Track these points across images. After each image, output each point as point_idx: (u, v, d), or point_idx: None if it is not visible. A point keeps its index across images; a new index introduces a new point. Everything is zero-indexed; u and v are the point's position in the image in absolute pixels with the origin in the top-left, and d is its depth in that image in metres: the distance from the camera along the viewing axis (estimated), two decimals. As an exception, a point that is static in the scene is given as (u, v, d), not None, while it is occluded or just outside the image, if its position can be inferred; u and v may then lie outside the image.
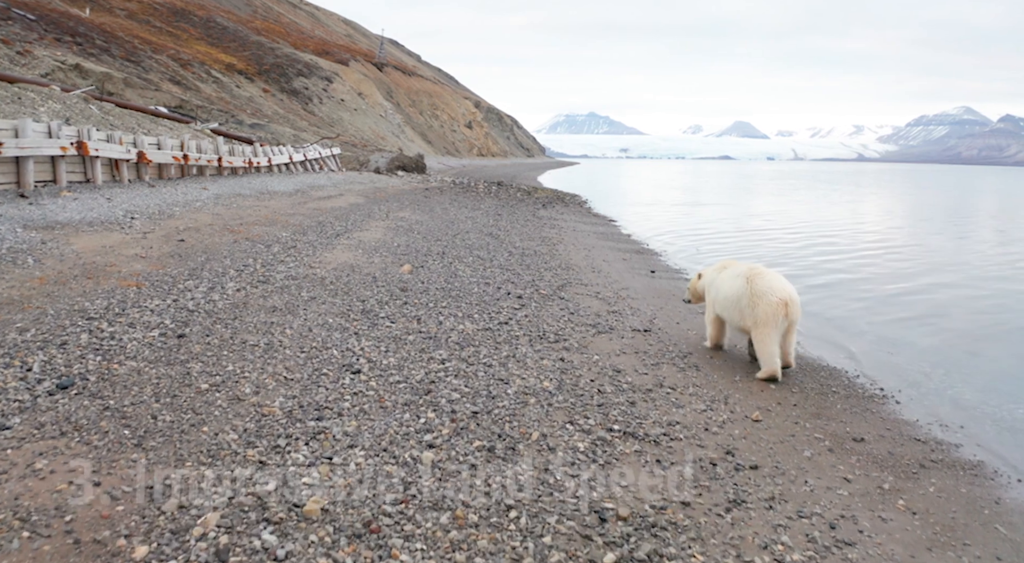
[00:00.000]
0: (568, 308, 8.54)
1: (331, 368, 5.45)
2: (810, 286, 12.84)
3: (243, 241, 10.80)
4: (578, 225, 20.28)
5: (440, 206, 20.65)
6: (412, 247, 12.02)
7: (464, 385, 5.33)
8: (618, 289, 10.37)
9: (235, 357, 5.49)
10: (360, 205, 18.47)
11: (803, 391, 6.40)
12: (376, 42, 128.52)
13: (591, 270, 11.92)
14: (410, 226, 14.97)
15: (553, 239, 15.67)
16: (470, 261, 11.22)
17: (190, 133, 21.73)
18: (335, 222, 14.23)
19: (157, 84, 51.59)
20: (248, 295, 7.47)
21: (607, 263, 13.09)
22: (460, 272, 10.15)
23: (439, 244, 12.73)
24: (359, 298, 7.83)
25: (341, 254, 10.57)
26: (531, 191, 32.57)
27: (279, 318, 6.71)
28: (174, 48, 68.48)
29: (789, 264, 15.58)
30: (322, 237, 12.02)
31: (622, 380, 5.95)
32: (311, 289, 8.03)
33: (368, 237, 12.63)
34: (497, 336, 6.85)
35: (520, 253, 12.77)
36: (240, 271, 8.56)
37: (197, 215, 12.93)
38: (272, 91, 76.93)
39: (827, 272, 14.68)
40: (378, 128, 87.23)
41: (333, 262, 9.86)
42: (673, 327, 8.34)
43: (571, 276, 11.00)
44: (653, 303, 9.65)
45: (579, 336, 7.26)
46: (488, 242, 13.72)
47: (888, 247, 19.66)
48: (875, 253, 18.19)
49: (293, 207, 16.11)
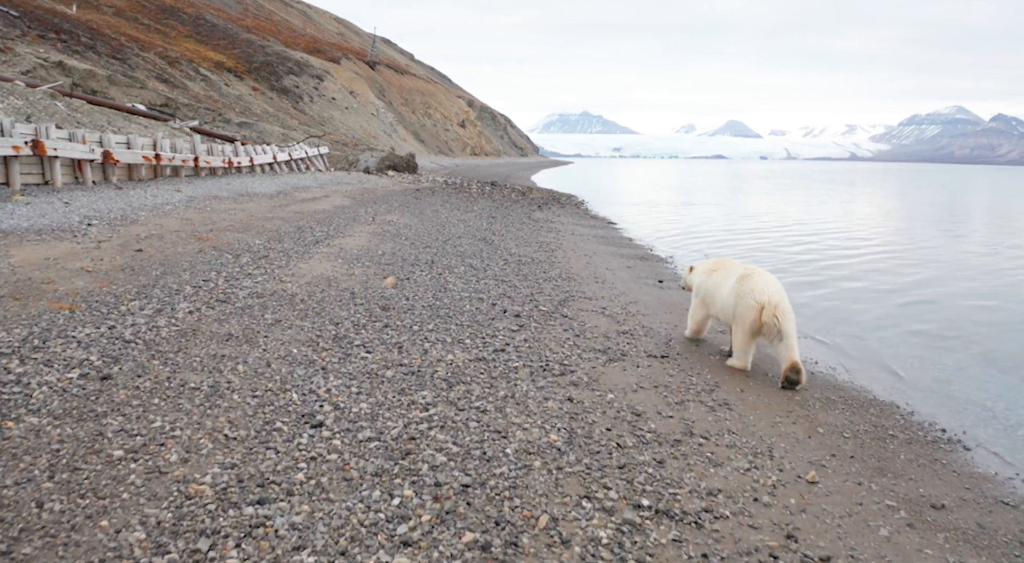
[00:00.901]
0: (572, 329, 7.50)
1: (287, 419, 4.40)
2: (836, 292, 11.88)
3: (209, 250, 9.72)
4: (576, 228, 19.25)
5: (431, 208, 19.59)
6: (398, 255, 10.96)
7: (452, 441, 4.28)
8: (626, 303, 9.34)
9: (167, 407, 4.42)
10: (345, 207, 17.39)
11: (856, 436, 5.38)
12: (368, 40, 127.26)
13: (594, 280, 10.88)
14: (397, 231, 13.90)
15: (551, 244, 14.63)
16: (462, 271, 10.17)
17: (166, 132, 20.62)
18: (316, 227, 13.15)
19: (143, 82, 50.43)
20: (201, 318, 6.40)
21: (611, 272, 12.06)
22: (450, 285, 9.09)
23: (428, 251, 11.68)
24: (332, 320, 6.77)
25: (318, 265, 9.50)
26: (526, 191, 31.55)
27: (233, 349, 5.64)
28: (162, 46, 67.26)
29: (805, 270, 14.58)
30: (299, 245, 10.95)
31: (644, 428, 4.91)
32: (277, 309, 6.96)
33: (350, 244, 11.56)
34: (492, 368, 5.80)
35: (516, 261, 11.72)
36: (198, 288, 7.49)
37: (164, 220, 11.84)
38: (262, 89, 75.76)
39: (848, 278, 13.69)
40: (370, 127, 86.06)
41: (308, 275, 8.79)
42: (692, 351, 7.31)
43: (573, 288, 9.96)
44: (666, 320, 8.62)
45: (588, 366, 6.22)
46: (481, 249, 12.67)
47: (904, 251, 18.69)
48: (892, 258, 17.21)
49: (272, 210, 15.02)
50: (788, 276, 13.81)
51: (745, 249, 17.67)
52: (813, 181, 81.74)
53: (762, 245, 18.83)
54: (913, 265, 16.04)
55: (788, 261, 16.03)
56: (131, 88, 44.11)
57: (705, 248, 17.44)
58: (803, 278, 13.72)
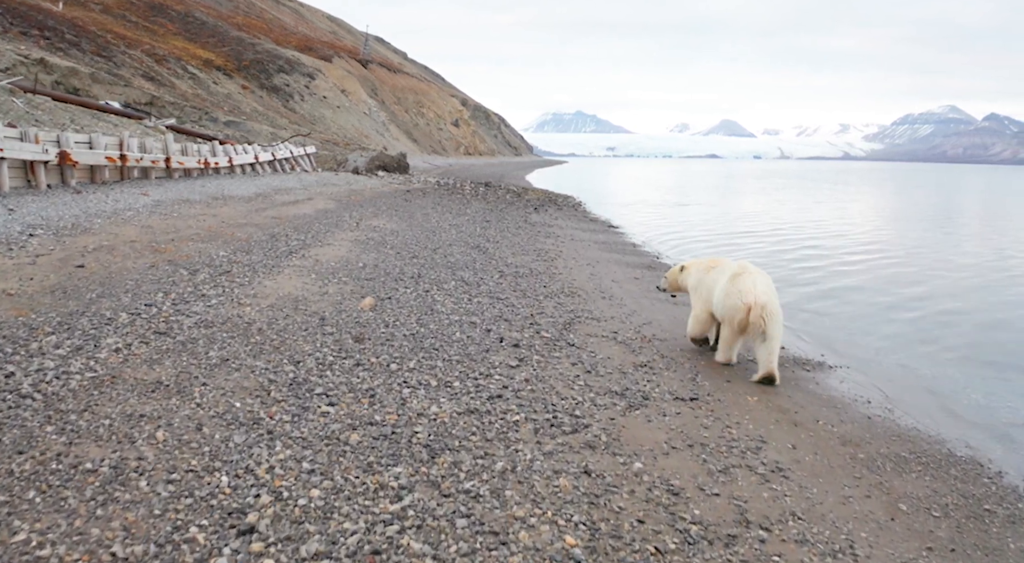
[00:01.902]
0: (582, 362, 6.33)
1: (207, 521, 3.21)
2: (855, 303, 10.74)
3: (164, 265, 8.51)
4: (576, 232, 18.10)
5: (421, 211, 18.39)
6: (381, 268, 9.77)
7: (432, 556, 3.10)
8: (639, 325, 8.18)
9: (45, 505, 3.24)
10: (329, 211, 16.18)
11: (947, 514, 4.25)
12: (361, 39, 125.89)
13: (600, 296, 9.72)
14: (383, 238, 12.71)
15: (550, 252, 13.46)
16: (452, 287, 8.98)
17: (139, 130, 19.37)
18: (292, 235, 11.94)
19: (128, 80, 49.14)
20: (128, 359, 5.20)
21: (617, 284, 10.89)
22: (439, 305, 7.91)
23: (415, 263, 10.49)
24: (293, 358, 5.58)
25: (287, 281, 8.30)
26: (521, 192, 30.37)
27: (157, 405, 4.45)
28: (149, 43, 65.96)
29: (823, 276, 13.44)
30: (270, 256, 9.75)
31: (686, 515, 3.74)
32: (227, 344, 5.77)
33: (329, 255, 10.36)
34: (487, 425, 4.63)
35: (513, 273, 10.55)
36: (136, 315, 6.28)
37: (121, 229, 10.62)
38: (252, 88, 74.46)
39: (868, 290, 12.57)
40: (361, 126, 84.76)
41: (273, 295, 7.59)
42: (724, 387, 6.16)
43: (578, 306, 8.80)
44: (687, 346, 7.46)
45: (604, 416, 5.05)
46: (474, 258, 11.49)
47: (916, 256, 17.57)
48: (905, 265, 16.08)
49: (247, 215, 13.81)
50: (810, 286, 12.69)
51: (755, 254, 16.51)
52: (810, 181, 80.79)
53: (774, 250, 17.68)
54: (930, 271, 14.93)
55: (807, 267, 14.89)
56: (115, 86, 42.84)
57: (714, 253, 16.26)
58: (824, 286, 12.59)
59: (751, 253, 16.96)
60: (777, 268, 14.67)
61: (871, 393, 6.84)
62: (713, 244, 18.72)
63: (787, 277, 13.81)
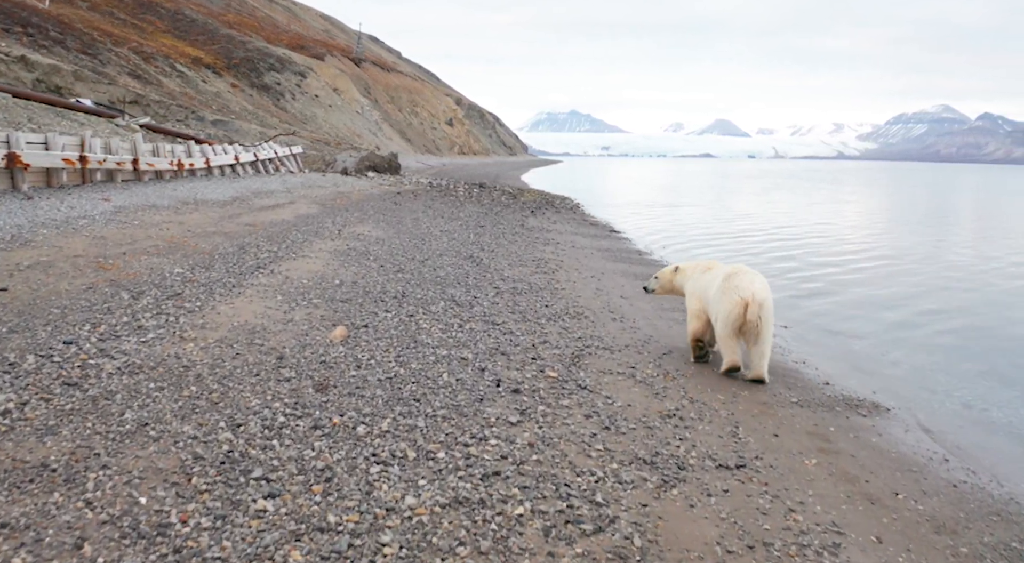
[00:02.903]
0: (597, 412, 5.15)
1: None
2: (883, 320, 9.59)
3: (105, 286, 7.30)
4: (576, 238, 16.93)
5: (411, 215, 17.19)
6: (360, 286, 8.57)
7: None
8: (658, 356, 7.00)
9: None
10: (311, 217, 14.97)
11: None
12: (354, 38, 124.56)
13: (611, 316, 8.54)
14: (366, 248, 11.50)
15: (550, 262, 12.28)
16: (441, 309, 7.79)
17: (106, 130, 18.09)
18: (264, 245, 10.73)
19: (113, 78, 47.88)
20: (14, 427, 3.98)
21: (627, 301, 9.72)
22: (424, 334, 6.71)
23: (400, 279, 9.28)
24: (232, 419, 4.37)
25: (247, 305, 7.10)
26: (517, 194, 29.18)
27: (29, 506, 3.24)
28: (137, 41, 64.68)
29: (889, 297, 12.27)
30: (232, 272, 8.53)
31: None
32: (152, 399, 4.56)
33: (302, 270, 9.15)
34: (480, 526, 3.43)
35: (510, 289, 9.37)
36: (47, 357, 5.07)
37: (68, 241, 9.39)
38: (241, 86, 73.19)
39: (898, 304, 11.41)
40: (354, 125, 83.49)
41: (226, 324, 6.38)
42: (772, 444, 5.00)
43: (586, 331, 7.62)
44: (716, 385, 6.29)
45: (634, 501, 3.86)
46: (467, 272, 10.30)
47: (927, 260, 16.42)
48: (921, 271, 14.92)
49: (217, 222, 12.59)
50: (831, 296, 11.53)
51: (770, 259, 15.35)
52: (808, 181, 79.79)
53: (786, 254, 16.50)
54: (950, 280, 13.77)
55: (833, 279, 13.72)
56: (99, 84, 41.60)
57: (725, 260, 15.06)
58: (845, 297, 11.40)
59: (765, 259, 15.78)
60: (795, 275, 13.52)
61: (943, 446, 5.68)
62: (722, 250, 17.54)
63: (817, 288, 12.65)
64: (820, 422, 5.72)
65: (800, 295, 12.09)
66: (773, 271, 14.30)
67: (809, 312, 10.71)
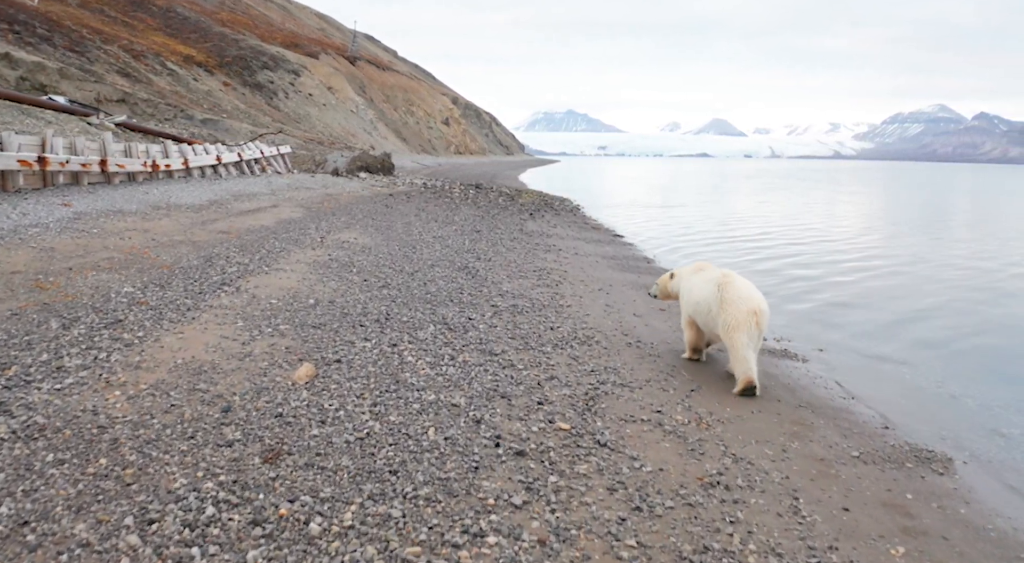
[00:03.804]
0: (623, 483, 4.06)
1: None
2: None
3: (33, 311, 6.19)
4: (579, 243, 15.83)
5: (402, 220, 16.09)
6: (339, 307, 7.47)
7: None
8: (686, 394, 5.92)
9: None
10: (293, 222, 13.86)
11: None
12: (350, 36, 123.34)
13: (625, 340, 7.46)
14: (350, 258, 10.40)
15: (553, 273, 11.19)
16: (430, 336, 6.69)
17: (75, 129, 16.93)
18: (235, 255, 9.62)
19: (101, 76, 46.74)
20: None
21: (641, 320, 8.63)
22: (407, 372, 5.61)
23: (384, 296, 8.18)
24: (142, 513, 3.26)
25: (199, 335, 5.99)
26: (514, 195, 28.07)
27: None
28: (127, 38, 63.53)
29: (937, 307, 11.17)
30: (191, 291, 7.42)
31: None
32: (40, 482, 3.45)
33: (273, 286, 8.05)
34: None
35: (510, 307, 8.28)
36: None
37: (8, 254, 8.28)
38: (234, 85, 72.05)
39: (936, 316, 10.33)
40: (348, 124, 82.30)
41: (168, 361, 5.28)
42: (843, 522, 3.91)
43: (599, 361, 6.54)
44: (758, 430, 5.21)
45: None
46: (461, 286, 9.21)
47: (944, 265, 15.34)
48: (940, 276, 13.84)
49: (188, 229, 11.47)
50: (867, 310, 10.45)
51: (787, 265, 14.26)
52: (808, 180, 78.77)
53: (811, 261, 15.40)
54: (973, 289, 12.70)
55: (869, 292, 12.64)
56: (85, 82, 40.48)
57: (742, 267, 13.94)
58: (881, 314, 10.32)
59: (781, 264, 14.69)
60: (818, 284, 12.43)
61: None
62: (735, 256, 16.45)
63: (845, 300, 11.56)
64: (894, 486, 4.64)
65: (828, 308, 11.02)
66: (793, 280, 13.22)
67: (842, 330, 9.63)
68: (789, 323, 9.77)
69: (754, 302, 6.01)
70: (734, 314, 5.97)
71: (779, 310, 10.46)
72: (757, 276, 13.34)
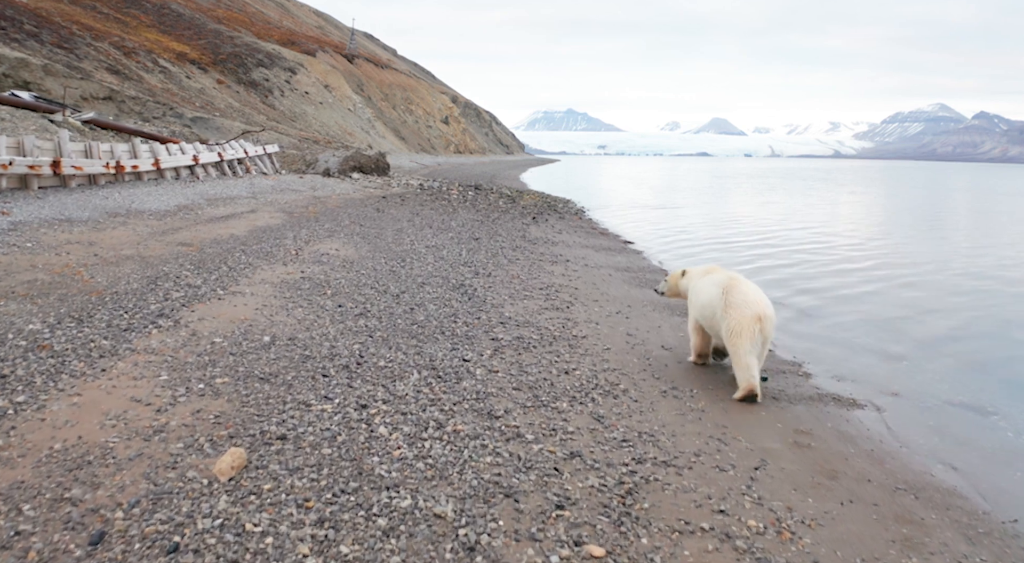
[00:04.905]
0: None
1: None
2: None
3: None
4: (587, 252, 14.34)
5: (393, 226, 14.59)
6: (300, 344, 5.96)
7: None
8: (750, 474, 4.42)
9: None
10: (270, 230, 12.36)
11: None
12: (348, 34, 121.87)
13: (659, 388, 5.96)
14: (326, 276, 8.91)
15: (562, 290, 9.70)
16: (411, 389, 5.19)
17: (31, 127, 15.40)
18: (188, 274, 8.11)
19: (89, 73, 45.28)
20: None
21: (671, 354, 7.14)
22: (377, 455, 4.10)
23: (360, 328, 6.68)
24: None
25: (102, 396, 4.49)
26: (515, 196, 26.58)
27: None
28: (119, 35, 62.05)
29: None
30: (115, 327, 5.92)
31: None
32: None
33: (222, 317, 6.55)
34: None
35: (514, 341, 6.78)
36: None
37: (-98, 274, 6.78)
38: (228, 82, 70.62)
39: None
40: (345, 123, 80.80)
41: (39, 448, 3.78)
42: None
43: (631, 422, 5.05)
44: (864, 538, 3.72)
45: None
46: (455, 310, 7.72)
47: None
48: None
49: (142, 241, 9.97)
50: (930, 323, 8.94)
51: (827, 272, 12.75)
52: (811, 180, 77.19)
53: (847, 268, 13.88)
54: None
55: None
56: (70, 79, 39.02)
57: (756, 275, 12.42)
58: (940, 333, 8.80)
59: (818, 270, 13.18)
60: (881, 307, 10.94)
61: None
62: (763, 266, 14.92)
63: (896, 320, 10.05)
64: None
65: (883, 332, 9.50)
66: (833, 289, 11.71)
67: (914, 365, 8.13)
68: (846, 356, 8.26)
69: (759, 307, 5.79)
70: (737, 319, 5.77)
71: (832, 339, 8.97)
72: (787, 290, 11.83)
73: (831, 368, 7.61)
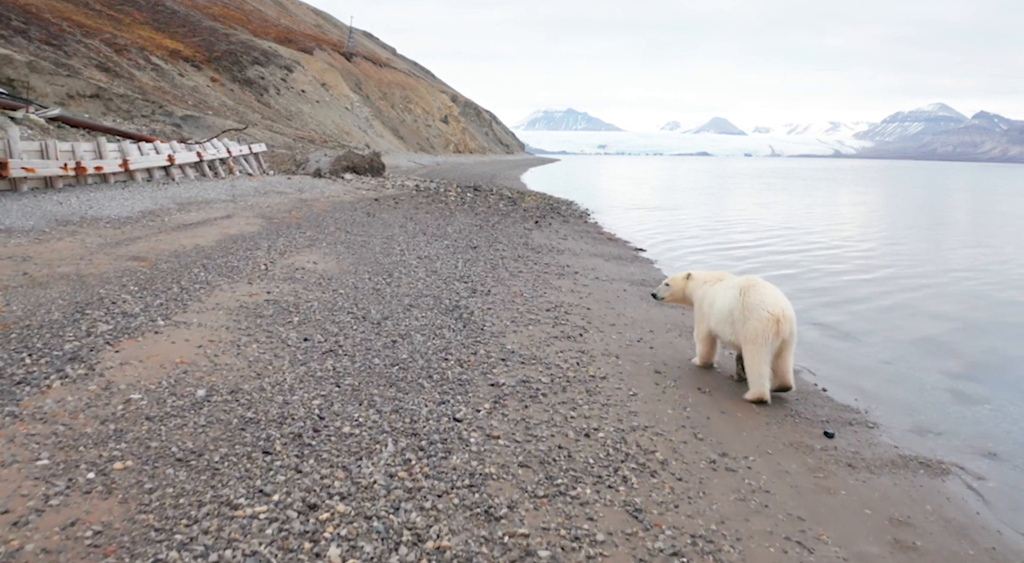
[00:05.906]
0: None
1: None
2: None
3: None
4: (597, 262, 13.00)
5: (383, 233, 13.25)
6: (244, 400, 4.62)
7: None
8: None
9: None
10: (242, 239, 11.01)
11: None
12: (346, 32, 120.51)
13: (707, 459, 4.62)
14: (297, 297, 7.56)
15: (572, 312, 8.36)
16: (380, 473, 3.84)
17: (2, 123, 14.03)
18: (129, 300, 6.76)
19: (76, 70, 43.91)
20: None
21: (712, 400, 5.81)
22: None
23: (325, 372, 5.33)
24: None
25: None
26: (516, 198, 25.21)
27: None
28: (111, 32, 60.68)
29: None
30: (7, 379, 4.58)
31: None
32: None
33: (154, 359, 5.20)
34: None
35: (518, 386, 5.44)
36: None
37: None
38: (222, 80, 69.22)
39: None
40: (343, 122, 79.41)
41: None
42: None
43: (676, 517, 3.75)
44: None
45: None
46: (448, 342, 6.37)
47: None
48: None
49: (88, 255, 8.61)
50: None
51: (862, 281, 11.42)
52: (814, 180, 75.86)
53: (875, 277, 12.52)
54: None
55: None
56: (56, 76, 37.69)
57: (802, 296, 11.02)
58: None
59: (854, 280, 11.83)
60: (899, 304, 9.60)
61: None
62: (792, 275, 13.55)
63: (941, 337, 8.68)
64: None
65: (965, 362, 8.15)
66: (862, 301, 10.37)
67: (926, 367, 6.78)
68: (912, 396, 6.91)
69: (776, 308, 5.69)
70: (754, 323, 5.68)
71: (887, 372, 7.64)
72: (811, 302, 10.47)
73: (902, 415, 6.27)
